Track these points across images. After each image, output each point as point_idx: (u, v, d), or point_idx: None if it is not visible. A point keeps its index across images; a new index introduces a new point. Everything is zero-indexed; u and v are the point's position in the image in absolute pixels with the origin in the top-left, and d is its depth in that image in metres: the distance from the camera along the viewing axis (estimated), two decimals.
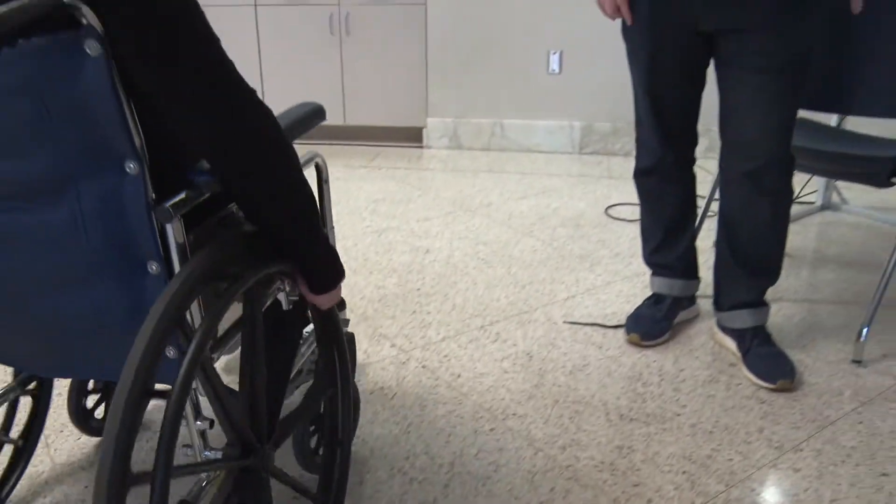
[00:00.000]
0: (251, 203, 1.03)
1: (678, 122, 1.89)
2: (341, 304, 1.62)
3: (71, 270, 0.98)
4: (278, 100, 3.90)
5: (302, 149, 1.23)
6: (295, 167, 1.03)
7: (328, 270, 1.18)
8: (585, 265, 2.55)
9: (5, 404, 1.47)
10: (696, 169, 2.00)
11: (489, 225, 2.89)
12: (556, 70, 3.82)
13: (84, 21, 0.83)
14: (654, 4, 1.75)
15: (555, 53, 3.80)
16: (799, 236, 2.81)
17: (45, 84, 0.87)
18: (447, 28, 3.86)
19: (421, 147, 4.07)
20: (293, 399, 1.55)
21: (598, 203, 3.15)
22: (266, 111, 0.98)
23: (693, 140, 1.95)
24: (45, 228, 0.96)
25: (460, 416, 1.74)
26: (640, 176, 2.00)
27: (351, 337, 1.61)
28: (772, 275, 1.92)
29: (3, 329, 1.09)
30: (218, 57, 0.92)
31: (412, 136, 4.11)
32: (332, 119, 4.09)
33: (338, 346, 1.34)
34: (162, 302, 0.89)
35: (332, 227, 1.51)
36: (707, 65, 1.81)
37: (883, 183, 1.97)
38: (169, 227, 0.97)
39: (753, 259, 1.89)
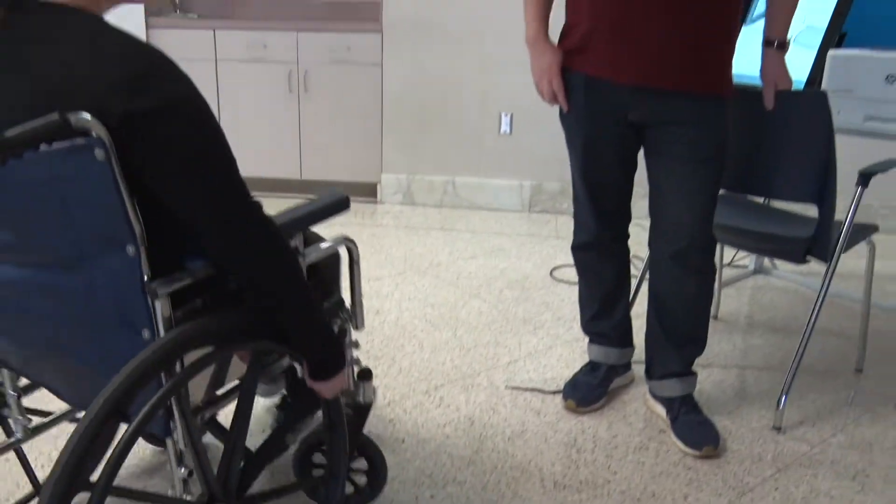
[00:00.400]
0: (250, 297, 1.19)
1: (612, 203, 2.03)
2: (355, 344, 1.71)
3: (84, 325, 1.17)
4: (235, 153, 3.96)
5: (325, 231, 1.38)
6: (291, 271, 1.17)
7: (327, 359, 1.30)
8: (529, 328, 2.66)
9: None
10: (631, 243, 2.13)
11: (438, 286, 2.99)
12: (507, 131, 3.98)
13: (94, 133, 0.99)
14: (588, 95, 1.88)
15: (506, 115, 3.96)
16: (732, 301, 2.96)
17: (63, 180, 1.06)
18: (402, 88, 3.99)
19: (375, 202, 4.18)
20: None
21: (543, 264, 3.28)
22: (268, 228, 1.14)
23: (627, 217, 2.08)
24: (69, 289, 1.15)
25: (402, 482, 1.81)
26: (578, 251, 2.13)
27: (364, 409, 1.66)
28: (698, 346, 2.05)
29: (40, 365, 1.31)
30: (232, 184, 1.09)
31: (367, 192, 4.22)
32: (289, 173, 4.18)
33: (337, 431, 1.45)
34: (133, 362, 1.05)
35: (361, 303, 1.59)
36: (639, 149, 1.95)
37: (799, 260, 2.12)
38: (157, 303, 1.12)
39: (681, 332, 2.02)
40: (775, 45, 1.91)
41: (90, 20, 1.07)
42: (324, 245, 1.46)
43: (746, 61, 2.11)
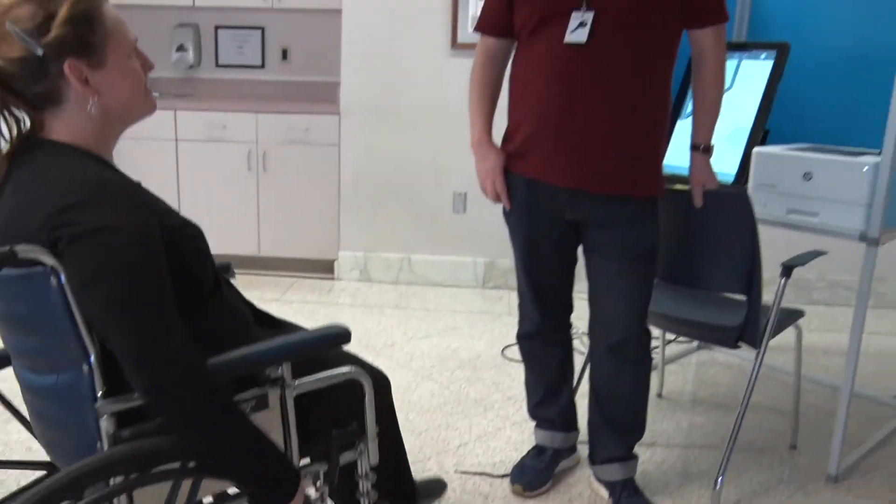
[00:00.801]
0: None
1: (554, 296, 2.14)
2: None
3: (63, 417, 1.26)
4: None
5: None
6: (200, 414, 1.16)
7: (269, 492, 1.25)
8: (479, 409, 2.74)
9: None
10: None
11: (392, 367, 3.06)
12: (461, 209, 4.11)
13: (46, 262, 1.12)
14: (528, 196, 2.01)
15: (459, 194, 4.09)
16: (676, 378, 3.08)
17: (28, 299, 1.18)
18: (359, 167, 4.12)
19: (332, 279, 4.26)
20: None
21: (495, 343, 3.37)
22: (190, 374, 1.14)
23: (568, 308, 2.19)
24: (50, 387, 1.24)
25: None
26: (523, 339, 2.23)
27: None
28: (637, 432, 2.15)
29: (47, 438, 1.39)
30: (136, 318, 1.13)
31: (324, 268, 4.30)
32: (247, 250, 4.24)
33: None
34: (59, 476, 1.09)
35: (374, 436, 1.51)
36: (578, 245, 2.07)
37: (731, 346, 2.25)
38: (102, 421, 1.18)
39: (620, 420, 2.11)
40: (701, 149, 2.05)
41: (70, 156, 1.22)
42: (323, 375, 1.42)
43: (679, 154, 2.26)
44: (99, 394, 1.18)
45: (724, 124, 2.46)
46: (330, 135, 4.12)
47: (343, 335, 1.40)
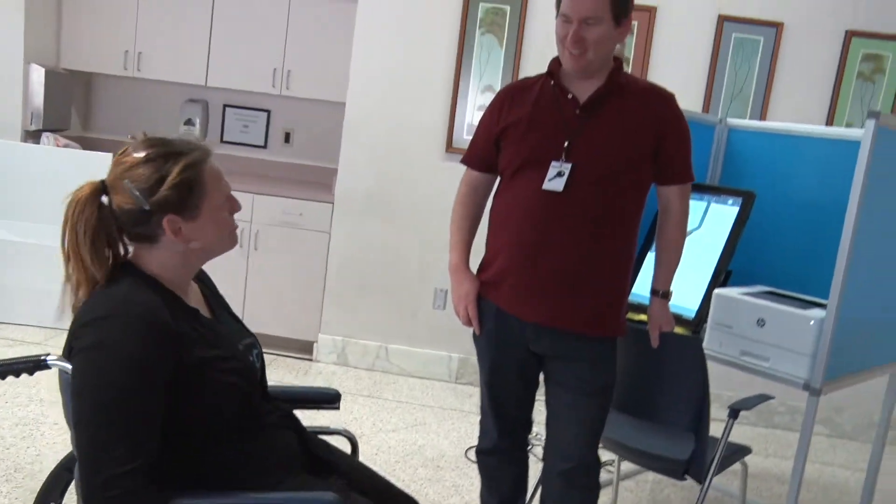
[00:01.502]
0: None
1: (514, 416, 2.26)
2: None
3: None
4: None
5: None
6: None
7: None
8: None
9: None
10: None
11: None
12: (441, 306, 4.25)
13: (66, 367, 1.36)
14: (497, 324, 2.14)
15: (442, 290, 4.24)
16: (630, 496, 3.17)
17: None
18: (347, 255, 4.27)
19: (310, 360, 4.36)
20: None
21: (460, 442, 3.47)
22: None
23: (528, 428, 2.31)
24: None
25: None
26: (481, 455, 2.33)
27: None
28: None
29: None
30: (92, 439, 1.28)
31: (303, 349, 4.41)
32: None
33: None
34: None
35: None
36: (540, 372, 2.20)
37: (678, 477, 2.37)
38: None
39: None
40: (660, 294, 2.21)
41: (143, 284, 1.43)
42: None
43: (645, 284, 2.41)
44: None
45: (690, 261, 2.63)
46: (322, 221, 4.28)
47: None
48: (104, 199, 1.43)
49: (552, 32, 2.05)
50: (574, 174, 2.00)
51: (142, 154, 1.43)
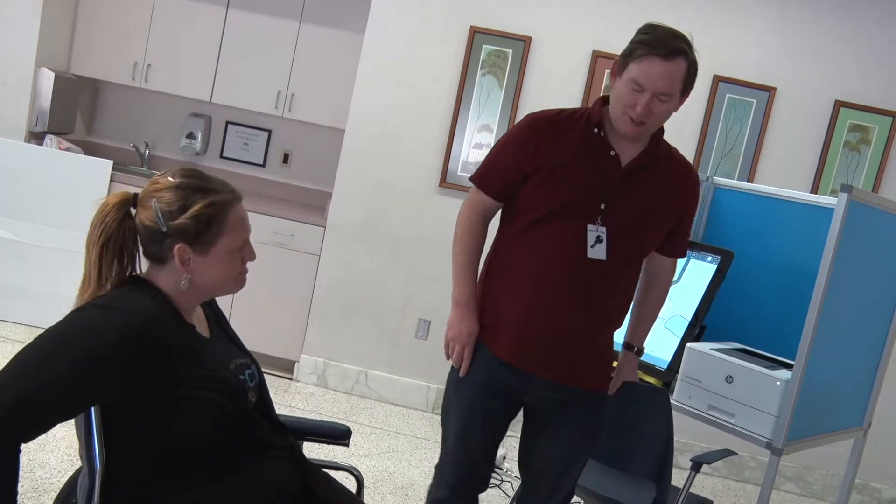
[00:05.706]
0: None
1: (478, 469, 2.19)
2: None
3: None
4: None
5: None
6: None
7: None
8: None
9: None
10: None
11: None
12: (424, 336, 4.32)
13: None
14: (489, 371, 2.07)
15: (425, 321, 4.31)
16: None
17: None
18: (334, 280, 4.34)
19: (291, 379, 4.41)
20: None
21: (431, 473, 3.50)
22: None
23: (483, 487, 2.23)
24: None
25: None
26: None
27: None
28: None
29: None
30: (12, 378, 1.33)
31: (285, 367, 4.45)
32: None
33: None
34: None
35: None
36: (513, 420, 2.18)
37: None
38: None
39: None
40: (634, 350, 2.25)
41: (135, 288, 1.53)
42: None
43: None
44: None
45: (666, 313, 2.72)
46: (313, 244, 4.35)
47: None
48: (133, 210, 1.53)
49: (552, 78, 2.09)
50: (609, 240, 1.98)
51: (177, 180, 1.53)
